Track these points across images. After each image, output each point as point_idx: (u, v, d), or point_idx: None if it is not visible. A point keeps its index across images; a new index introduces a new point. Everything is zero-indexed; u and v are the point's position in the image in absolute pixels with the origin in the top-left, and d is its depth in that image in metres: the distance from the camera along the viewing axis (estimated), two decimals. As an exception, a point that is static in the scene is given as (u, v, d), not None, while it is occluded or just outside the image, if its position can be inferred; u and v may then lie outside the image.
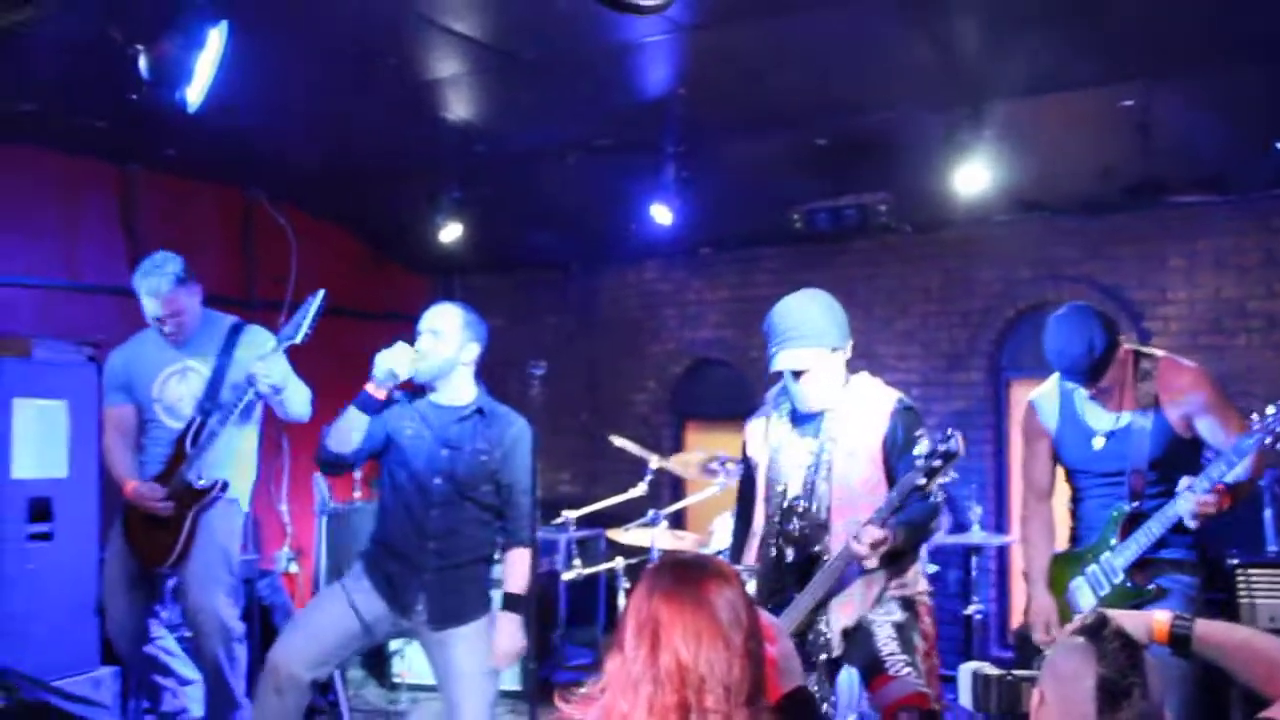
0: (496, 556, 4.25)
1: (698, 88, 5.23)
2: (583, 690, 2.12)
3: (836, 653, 3.57)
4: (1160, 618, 2.32)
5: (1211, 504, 3.63)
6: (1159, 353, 3.95)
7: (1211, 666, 2.34)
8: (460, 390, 4.18)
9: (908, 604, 3.61)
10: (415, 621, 4.07)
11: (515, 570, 4.13)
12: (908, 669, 3.45)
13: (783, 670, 2.27)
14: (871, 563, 3.47)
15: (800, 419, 3.73)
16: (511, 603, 4.08)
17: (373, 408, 3.97)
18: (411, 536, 4.05)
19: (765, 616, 2.23)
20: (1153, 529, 3.77)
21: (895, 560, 3.58)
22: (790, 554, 3.65)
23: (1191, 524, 3.71)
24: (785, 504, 3.68)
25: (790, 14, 4.41)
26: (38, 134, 5.96)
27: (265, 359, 4.49)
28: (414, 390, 4.21)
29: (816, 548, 3.59)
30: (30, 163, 6.15)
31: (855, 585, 3.56)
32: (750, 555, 3.78)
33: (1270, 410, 3.55)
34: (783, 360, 3.62)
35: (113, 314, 5.83)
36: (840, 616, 3.56)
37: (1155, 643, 2.28)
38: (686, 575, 2.08)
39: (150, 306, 4.64)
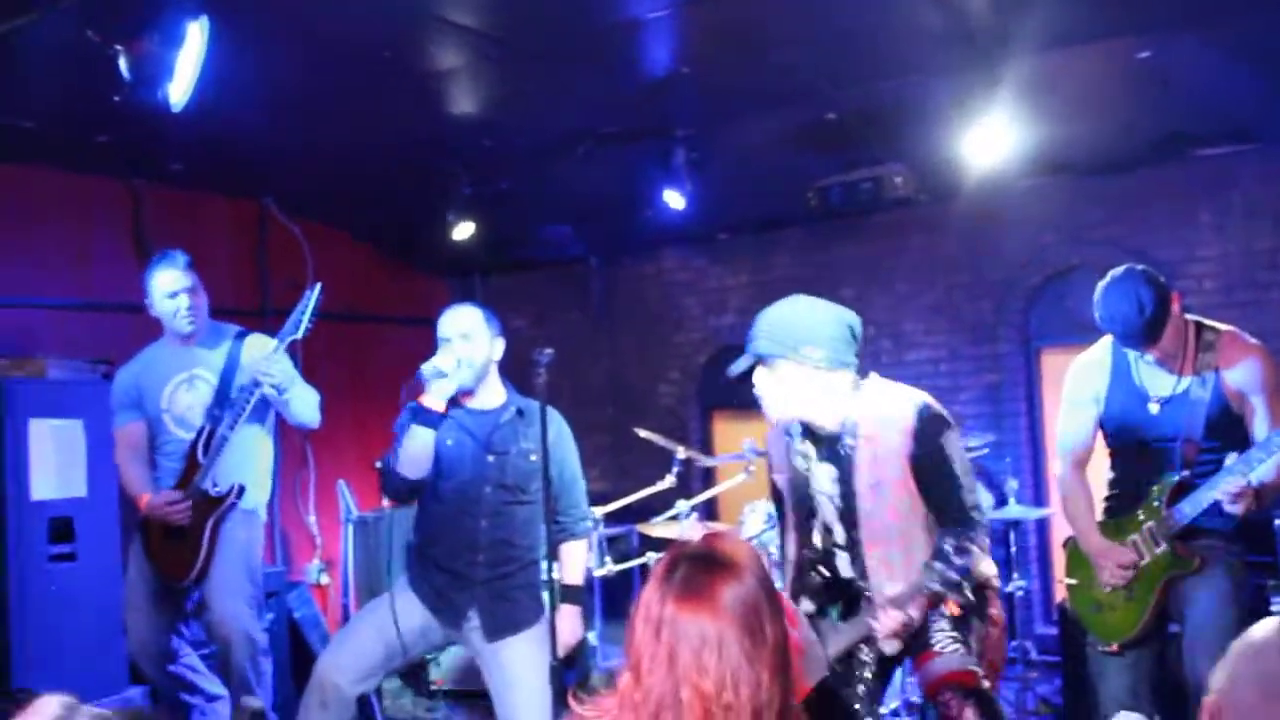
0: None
1: (701, 66, 5.13)
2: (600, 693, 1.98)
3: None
4: None
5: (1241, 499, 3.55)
6: (1223, 327, 3.84)
7: None
8: (493, 392, 4.09)
9: (974, 588, 3.34)
10: (467, 632, 3.98)
11: (572, 562, 4.13)
12: (956, 645, 3.25)
13: (807, 658, 2.15)
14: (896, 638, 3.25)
15: (817, 439, 3.41)
16: (571, 594, 4.06)
17: (436, 421, 3.85)
18: (460, 550, 3.96)
19: (785, 601, 2.08)
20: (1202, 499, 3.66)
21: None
22: (833, 589, 3.43)
23: (1231, 508, 3.59)
24: (818, 539, 3.43)
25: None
26: (43, 152, 5.93)
27: (268, 358, 4.43)
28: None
29: (858, 583, 3.36)
30: (38, 182, 6.13)
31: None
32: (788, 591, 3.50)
33: None
34: (741, 363, 3.35)
35: (125, 331, 5.79)
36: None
37: None
38: (697, 575, 1.90)
39: (167, 281, 4.60)
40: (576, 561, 4.16)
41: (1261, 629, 1.57)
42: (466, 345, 3.95)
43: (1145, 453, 3.87)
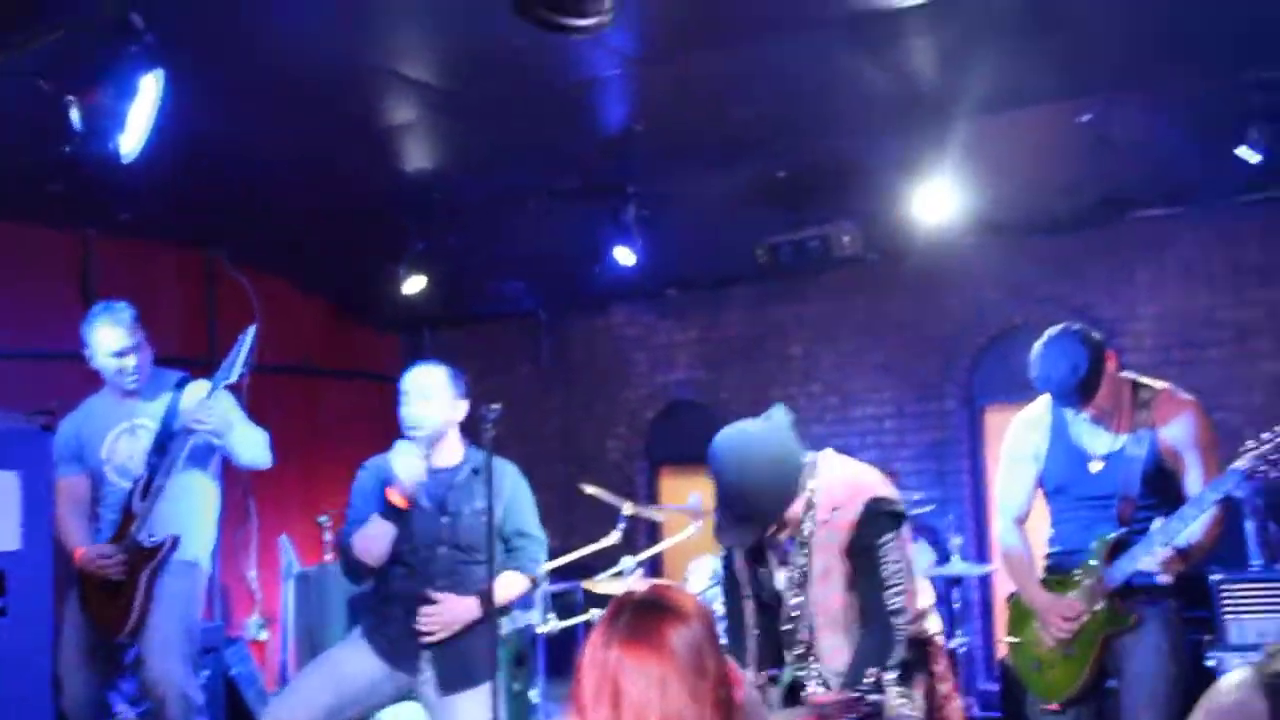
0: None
1: (653, 124, 5.19)
2: None
3: None
4: None
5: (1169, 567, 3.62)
6: (1159, 384, 3.87)
7: None
8: (451, 450, 4.06)
9: (916, 643, 3.34)
10: (420, 684, 3.93)
11: (504, 584, 4.00)
12: (903, 701, 3.19)
13: (748, 716, 2.14)
14: None
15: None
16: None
17: (398, 517, 3.87)
18: (415, 608, 3.91)
19: (730, 663, 2.08)
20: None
21: None
22: (790, 671, 3.36)
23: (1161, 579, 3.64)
24: (779, 621, 3.36)
25: (741, 45, 4.38)
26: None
27: (201, 404, 4.35)
28: None
29: (811, 666, 3.31)
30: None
31: None
32: (753, 660, 3.44)
33: (1249, 444, 3.53)
34: (728, 538, 3.30)
35: (69, 381, 5.70)
36: None
37: None
38: (644, 618, 1.92)
39: (112, 339, 4.47)
40: (508, 585, 4.04)
41: (1227, 678, 1.69)
42: (425, 405, 3.94)
43: (1084, 510, 3.89)
